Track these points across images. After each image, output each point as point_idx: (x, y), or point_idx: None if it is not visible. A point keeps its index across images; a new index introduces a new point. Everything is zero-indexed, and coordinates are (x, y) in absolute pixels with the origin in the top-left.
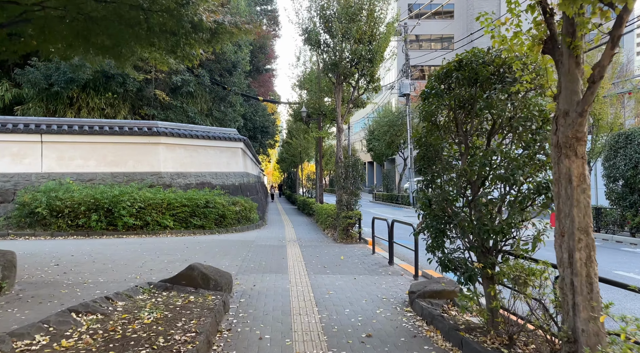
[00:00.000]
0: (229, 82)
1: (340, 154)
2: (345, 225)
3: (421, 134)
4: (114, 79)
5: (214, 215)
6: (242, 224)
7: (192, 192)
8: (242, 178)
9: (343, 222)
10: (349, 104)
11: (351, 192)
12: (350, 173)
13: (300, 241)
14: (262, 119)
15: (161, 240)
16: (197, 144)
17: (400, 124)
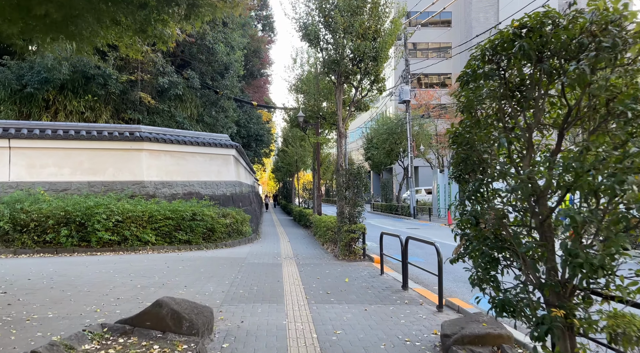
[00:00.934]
0: (221, 85)
1: (341, 161)
2: (347, 240)
3: (459, 130)
4: (94, 80)
5: (201, 228)
6: (233, 238)
7: (178, 203)
8: (234, 188)
9: (345, 236)
10: (351, 106)
11: (354, 203)
12: (353, 182)
13: (298, 258)
14: (256, 126)
15: (140, 258)
16: (184, 151)
17: (399, 132)
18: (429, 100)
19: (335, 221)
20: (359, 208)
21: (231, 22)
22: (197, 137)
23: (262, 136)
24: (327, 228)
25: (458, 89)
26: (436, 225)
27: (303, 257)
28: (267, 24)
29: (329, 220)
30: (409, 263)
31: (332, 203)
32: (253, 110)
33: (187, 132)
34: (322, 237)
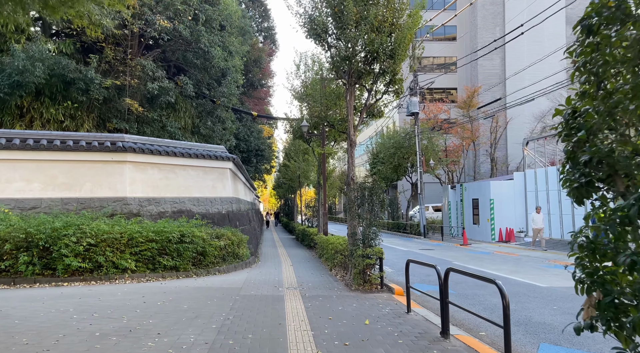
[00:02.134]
0: (218, 93)
1: (352, 173)
2: (362, 267)
3: (581, 108)
4: (74, 85)
5: (190, 252)
6: (228, 263)
7: (163, 223)
8: (230, 205)
9: (359, 262)
10: (363, 112)
11: (369, 222)
12: (368, 198)
13: (303, 288)
14: (257, 141)
15: (114, 290)
16: (174, 163)
17: (407, 146)
18: (437, 113)
19: (345, 243)
20: (375, 229)
21: (229, 26)
22: (189, 148)
23: (263, 151)
24: (335, 251)
25: (576, 44)
26: (450, 246)
27: (309, 286)
28: (268, 36)
29: (337, 241)
30: (450, 303)
31: (335, 222)
32: (254, 124)
33: (178, 143)
34: (330, 260)
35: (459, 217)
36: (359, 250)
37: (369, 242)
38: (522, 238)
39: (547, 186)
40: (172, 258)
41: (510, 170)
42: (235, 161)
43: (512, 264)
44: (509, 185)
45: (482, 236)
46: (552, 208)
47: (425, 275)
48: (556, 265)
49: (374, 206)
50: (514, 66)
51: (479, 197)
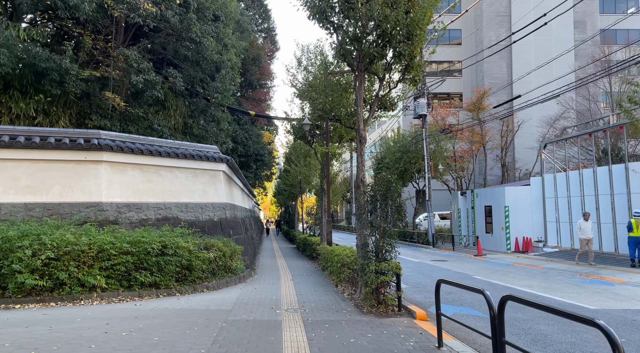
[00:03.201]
0: (211, 88)
1: (362, 174)
2: (376, 284)
3: None
4: (48, 76)
5: (173, 266)
6: (218, 277)
7: (141, 232)
8: (223, 212)
9: (372, 279)
10: (374, 104)
11: (383, 231)
12: (381, 202)
13: (305, 310)
14: (256, 145)
15: (73, 315)
16: (159, 164)
17: (414, 150)
18: (445, 116)
19: (353, 254)
20: (391, 240)
21: (224, 17)
22: (177, 147)
23: (263, 156)
24: (342, 264)
25: None
26: (463, 257)
27: (312, 307)
28: (268, 36)
29: (343, 252)
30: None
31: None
32: (253, 128)
33: (164, 141)
34: (335, 274)
35: (470, 225)
36: (372, 265)
37: (383, 255)
38: (540, 249)
39: (568, 192)
40: (152, 274)
41: (522, 175)
42: (229, 162)
43: (540, 278)
44: (525, 191)
45: (496, 246)
46: (574, 216)
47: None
48: (591, 280)
49: (389, 212)
50: (520, 71)
51: (492, 203)
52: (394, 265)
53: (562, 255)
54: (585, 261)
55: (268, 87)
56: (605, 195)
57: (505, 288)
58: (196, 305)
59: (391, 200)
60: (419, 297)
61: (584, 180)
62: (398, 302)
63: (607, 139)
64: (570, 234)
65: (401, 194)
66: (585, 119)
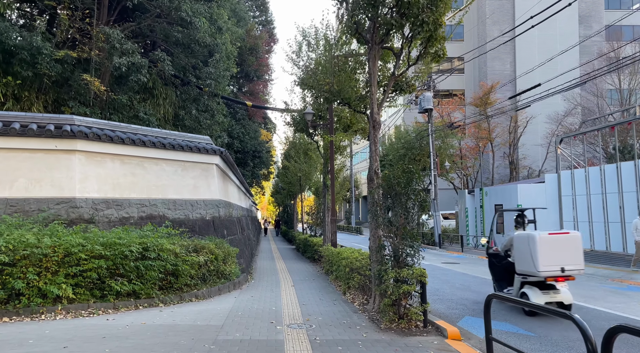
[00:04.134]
0: (204, 74)
1: (376, 165)
2: (397, 295)
3: None
4: (17, 56)
5: (156, 272)
6: (209, 284)
7: (118, 232)
8: (216, 210)
9: (392, 289)
10: (390, 82)
11: (404, 232)
12: (403, 196)
13: (311, 325)
14: (253, 141)
15: (25, 334)
16: (143, 155)
17: (418, 147)
18: (451, 111)
19: (364, 258)
20: (414, 242)
21: None
22: (164, 137)
23: (260, 152)
24: (351, 268)
25: None
26: (475, 259)
27: (319, 321)
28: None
29: (351, 255)
30: None
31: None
32: (250, 123)
33: (149, 130)
34: (343, 280)
35: (479, 225)
36: (391, 272)
37: (404, 259)
38: None
39: (587, 189)
40: (130, 281)
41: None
42: (223, 155)
43: (571, 285)
44: (539, 189)
45: None
46: (595, 216)
47: (463, 299)
48: (629, 286)
49: (411, 208)
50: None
51: (504, 202)
52: (418, 272)
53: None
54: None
55: (266, 79)
56: (630, 193)
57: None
58: (181, 319)
59: (414, 195)
60: (440, 307)
61: (606, 177)
62: (424, 317)
63: (634, 131)
64: (589, 235)
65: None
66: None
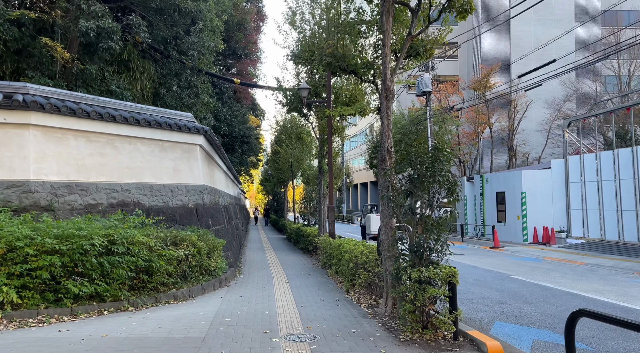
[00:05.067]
0: (185, 44)
1: (389, 142)
2: (422, 301)
3: None
4: None
5: (125, 270)
6: (191, 282)
7: (78, 221)
8: (200, 196)
9: (416, 293)
10: (406, 44)
11: (428, 222)
12: (428, 178)
13: (314, 336)
14: (242, 125)
15: None
16: (114, 132)
17: (415, 132)
18: (449, 95)
19: (370, 251)
20: (440, 234)
21: None
22: (139, 111)
23: (249, 138)
24: (355, 263)
25: None
26: (478, 249)
27: (323, 330)
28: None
29: (355, 248)
30: None
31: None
32: (238, 107)
33: (121, 103)
34: (345, 277)
35: (478, 213)
36: (413, 271)
37: (428, 256)
38: (563, 240)
39: (598, 176)
40: (92, 281)
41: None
42: (208, 135)
43: (595, 279)
44: (544, 175)
45: (510, 236)
46: (606, 204)
47: (483, 298)
48: None
49: (437, 192)
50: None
51: (506, 190)
52: (448, 271)
53: (593, 248)
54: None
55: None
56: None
57: (568, 295)
58: (153, 328)
59: (441, 176)
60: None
61: (620, 162)
62: (454, 326)
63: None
64: (600, 224)
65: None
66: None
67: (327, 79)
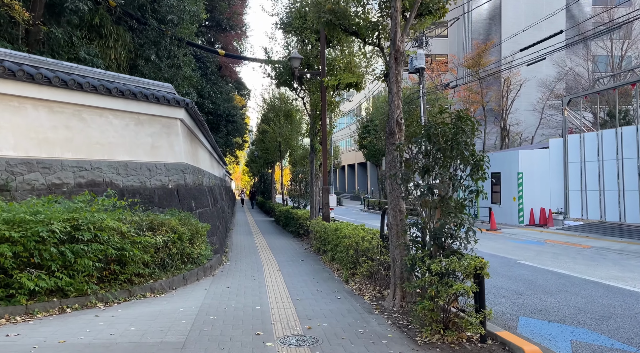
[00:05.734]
0: (164, 8)
1: (399, 113)
2: (445, 298)
3: None
4: None
5: (92, 259)
6: (171, 272)
7: (34, 204)
8: (182, 176)
9: (437, 288)
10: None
11: (449, 205)
12: (448, 151)
13: (316, 339)
14: (227, 103)
15: None
16: (81, 103)
17: (408, 111)
18: (442, 72)
19: (372, 236)
20: (464, 218)
21: None
22: (110, 80)
23: (235, 117)
24: (356, 250)
25: None
26: None
27: (324, 330)
28: None
29: (355, 233)
30: None
31: None
32: (223, 83)
33: (89, 70)
34: (343, 264)
35: None
36: (433, 263)
37: (450, 244)
38: (560, 222)
39: (599, 155)
40: (51, 274)
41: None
42: (190, 108)
43: (609, 264)
44: (542, 155)
45: (505, 218)
46: (607, 184)
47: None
48: None
49: (460, 169)
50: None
51: (501, 170)
52: (475, 262)
53: (593, 230)
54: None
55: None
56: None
57: (588, 283)
58: (124, 330)
59: (466, 150)
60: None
61: (624, 140)
62: (482, 327)
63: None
64: (600, 205)
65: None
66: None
67: (321, 43)
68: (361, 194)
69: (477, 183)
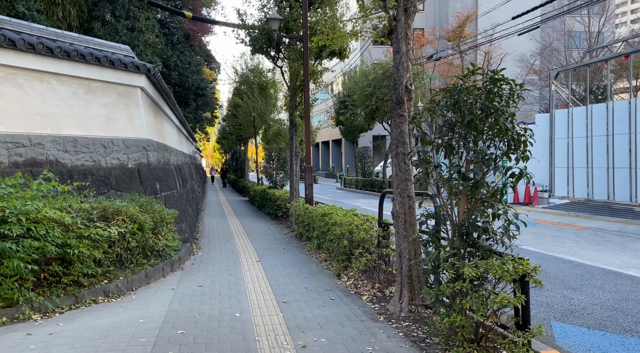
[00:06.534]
0: None
1: (408, 78)
2: (484, 312)
3: None
4: None
5: (24, 260)
6: (130, 270)
7: None
8: (144, 154)
9: (473, 300)
10: None
11: (482, 191)
12: (475, 129)
13: None
14: (195, 76)
15: None
16: (14, 64)
17: (387, 85)
18: (423, 44)
19: (367, 225)
20: (500, 206)
21: None
22: (53, 38)
23: (205, 90)
24: (350, 241)
25: None
26: None
27: (320, 346)
28: None
29: (346, 220)
30: None
31: None
32: (191, 54)
33: (25, 24)
34: (332, 255)
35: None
36: (466, 267)
37: (485, 241)
38: (545, 200)
39: (588, 131)
40: None
41: None
42: (152, 75)
43: (617, 248)
44: None
45: None
46: (596, 161)
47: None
48: None
49: (495, 145)
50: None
51: None
52: (525, 267)
53: (581, 208)
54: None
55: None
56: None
57: (609, 274)
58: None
59: (504, 121)
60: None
61: (615, 116)
62: (529, 350)
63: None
64: (587, 183)
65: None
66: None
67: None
68: (336, 172)
69: (518, 164)
